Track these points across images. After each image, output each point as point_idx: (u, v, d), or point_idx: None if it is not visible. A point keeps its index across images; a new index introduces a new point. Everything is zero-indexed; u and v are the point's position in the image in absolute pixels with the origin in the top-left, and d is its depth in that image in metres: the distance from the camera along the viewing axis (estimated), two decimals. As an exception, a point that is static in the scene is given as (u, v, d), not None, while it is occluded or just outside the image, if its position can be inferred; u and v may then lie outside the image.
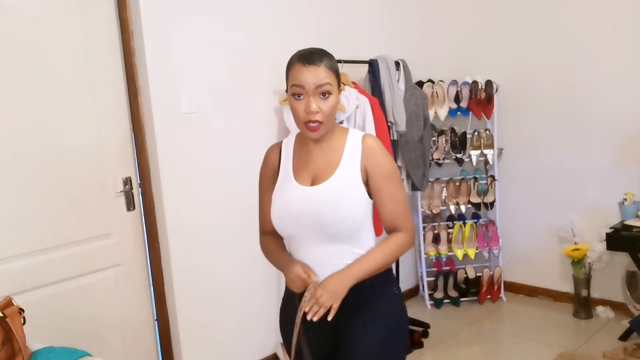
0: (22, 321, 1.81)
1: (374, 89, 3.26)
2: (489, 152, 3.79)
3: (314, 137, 1.59)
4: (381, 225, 1.69)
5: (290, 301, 1.70)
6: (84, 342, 2.19)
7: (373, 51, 3.31)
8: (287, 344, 1.70)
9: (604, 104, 3.44)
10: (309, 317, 1.52)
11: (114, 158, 2.48)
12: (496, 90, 3.76)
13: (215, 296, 2.82)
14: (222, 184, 2.81)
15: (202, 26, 2.68)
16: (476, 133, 3.81)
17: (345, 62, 3.07)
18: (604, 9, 3.37)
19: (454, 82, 3.81)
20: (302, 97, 1.55)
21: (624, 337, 3.17)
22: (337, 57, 3.25)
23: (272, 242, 1.75)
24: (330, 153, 1.64)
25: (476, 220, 3.91)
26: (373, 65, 3.25)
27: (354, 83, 3.10)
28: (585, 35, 3.46)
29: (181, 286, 2.67)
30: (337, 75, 1.60)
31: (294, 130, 2.94)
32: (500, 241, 3.84)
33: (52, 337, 2.10)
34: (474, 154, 3.80)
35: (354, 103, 2.89)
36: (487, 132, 3.79)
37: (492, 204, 3.82)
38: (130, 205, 2.55)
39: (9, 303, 1.79)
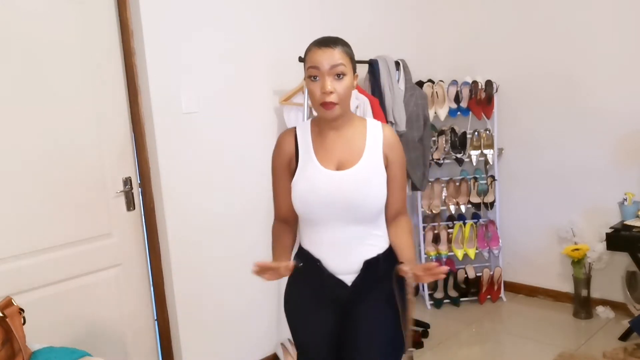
0: (22, 321, 1.81)
1: (374, 89, 3.26)
2: (489, 152, 3.79)
3: (329, 117, 1.64)
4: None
5: (298, 282, 1.80)
6: (84, 342, 2.20)
7: (373, 51, 3.31)
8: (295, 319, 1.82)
9: (604, 104, 3.44)
10: (427, 280, 1.59)
11: (114, 158, 2.48)
12: (496, 90, 3.76)
13: (215, 296, 2.82)
14: (222, 184, 2.81)
15: (202, 26, 2.68)
16: (476, 133, 3.81)
17: (345, 62, 3.07)
18: (604, 9, 3.37)
19: (454, 82, 3.82)
20: (317, 78, 1.61)
21: (624, 337, 3.17)
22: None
23: (278, 234, 1.79)
24: (353, 140, 1.70)
25: (476, 220, 3.91)
26: (373, 65, 3.25)
27: (354, 83, 3.10)
28: (585, 35, 3.46)
29: (181, 286, 2.67)
30: (352, 59, 1.66)
31: (294, 130, 2.96)
32: (500, 241, 3.84)
33: (52, 337, 2.10)
34: (474, 154, 3.80)
35: (354, 103, 2.89)
36: (487, 132, 3.79)
37: (492, 204, 3.81)
38: (130, 205, 2.55)
39: (9, 303, 1.79)
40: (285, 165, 1.74)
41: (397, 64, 3.33)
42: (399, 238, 1.75)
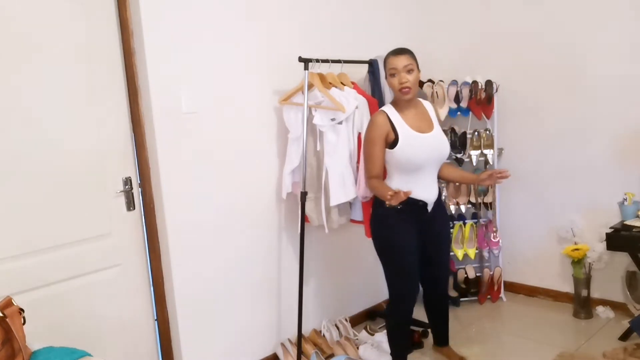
0: (22, 321, 1.81)
1: (374, 89, 3.26)
2: (489, 152, 3.79)
3: (407, 98, 2.56)
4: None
5: (388, 214, 2.64)
6: (84, 342, 2.20)
7: (373, 51, 3.31)
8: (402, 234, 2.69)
9: (604, 104, 3.44)
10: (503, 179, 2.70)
11: (114, 158, 2.48)
12: (496, 90, 3.76)
13: (215, 296, 2.82)
14: (222, 184, 2.81)
15: (202, 26, 2.68)
16: (476, 133, 3.81)
17: (345, 62, 3.08)
18: (604, 9, 3.37)
19: (454, 82, 3.81)
20: (395, 75, 2.53)
21: (624, 337, 3.17)
22: (336, 58, 3.27)
23: (379, 181, 2.63)
24: (423, 113, 2.69)
25: (476, 220, 3.91)
26: (373, 65, 3.25)
27: (353, 83, 3.10)
28: (585, 36, 3.46)
29: (181, 286, 2.67)
30: (416, 60, 2.57)
31: (294, 130, 2.96)
32: (500, 241, 3.84)
33: (52, 337, 2.10)
34: (474, 154, 3.80)
35: (353, 103, 2.89)
36: (487, 132, 3.79)
37: (492, 204, 3.81)
38: (130, 205, 2.55)
39: (9, 303, 1.79)
40: (382, 137, 2.56)
41: (397, 64, 3.32)
42: (455, 172, 2.87)
